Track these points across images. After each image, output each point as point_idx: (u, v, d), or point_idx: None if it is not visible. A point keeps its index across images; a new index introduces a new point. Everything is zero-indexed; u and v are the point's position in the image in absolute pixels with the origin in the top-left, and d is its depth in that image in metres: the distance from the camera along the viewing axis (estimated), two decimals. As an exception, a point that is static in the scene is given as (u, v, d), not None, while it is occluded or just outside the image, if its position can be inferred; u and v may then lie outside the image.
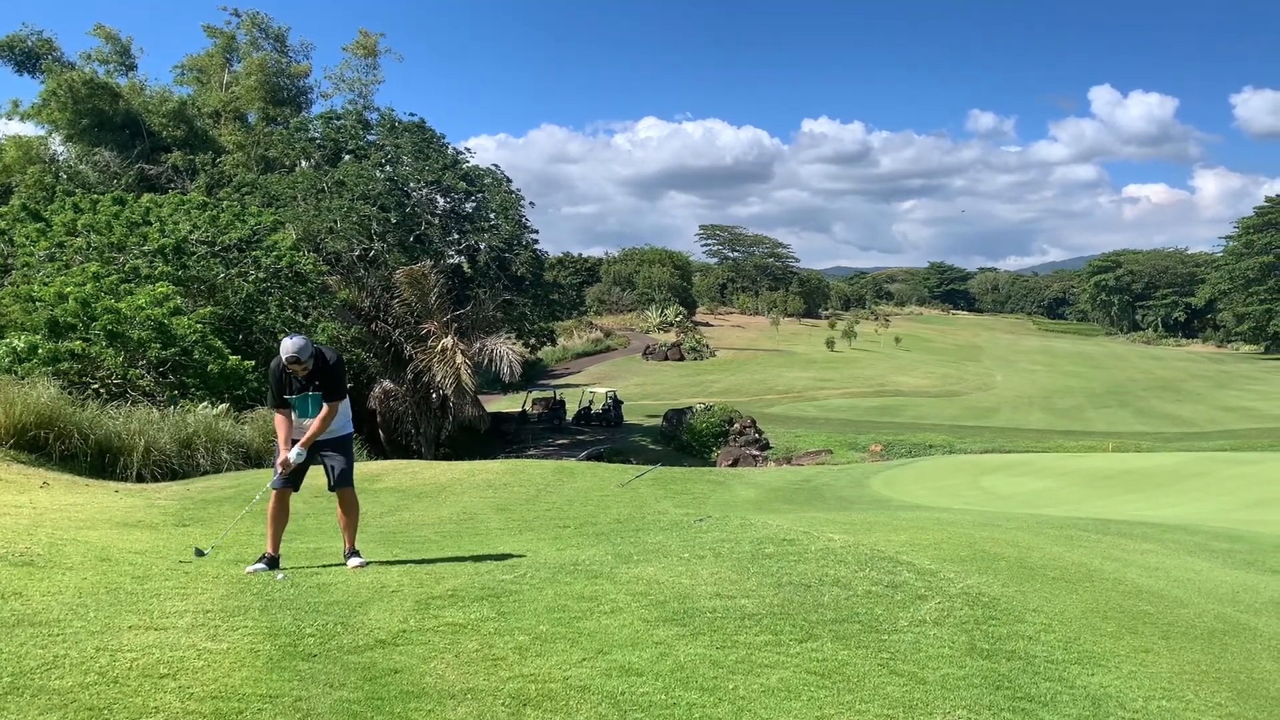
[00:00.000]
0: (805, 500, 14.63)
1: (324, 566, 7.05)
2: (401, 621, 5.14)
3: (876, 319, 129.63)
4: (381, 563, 7.12)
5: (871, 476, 18.54)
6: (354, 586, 6.06)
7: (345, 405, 7.34)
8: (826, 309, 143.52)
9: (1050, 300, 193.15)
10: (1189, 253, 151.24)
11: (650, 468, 16.99)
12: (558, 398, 48.89)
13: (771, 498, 14.71)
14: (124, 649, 4.43)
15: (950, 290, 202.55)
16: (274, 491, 7.15)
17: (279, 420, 7.13)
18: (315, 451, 7.17)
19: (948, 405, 57.74)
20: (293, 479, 7.16)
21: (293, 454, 7.03)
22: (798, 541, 6.89)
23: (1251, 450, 31.76)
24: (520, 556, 7.37)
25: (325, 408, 7.05)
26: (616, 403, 48.05)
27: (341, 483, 7.20)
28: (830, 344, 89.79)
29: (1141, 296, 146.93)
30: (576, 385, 58.08)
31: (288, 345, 6.88)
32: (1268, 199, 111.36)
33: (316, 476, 7.47)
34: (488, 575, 6.27)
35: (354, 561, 7.02)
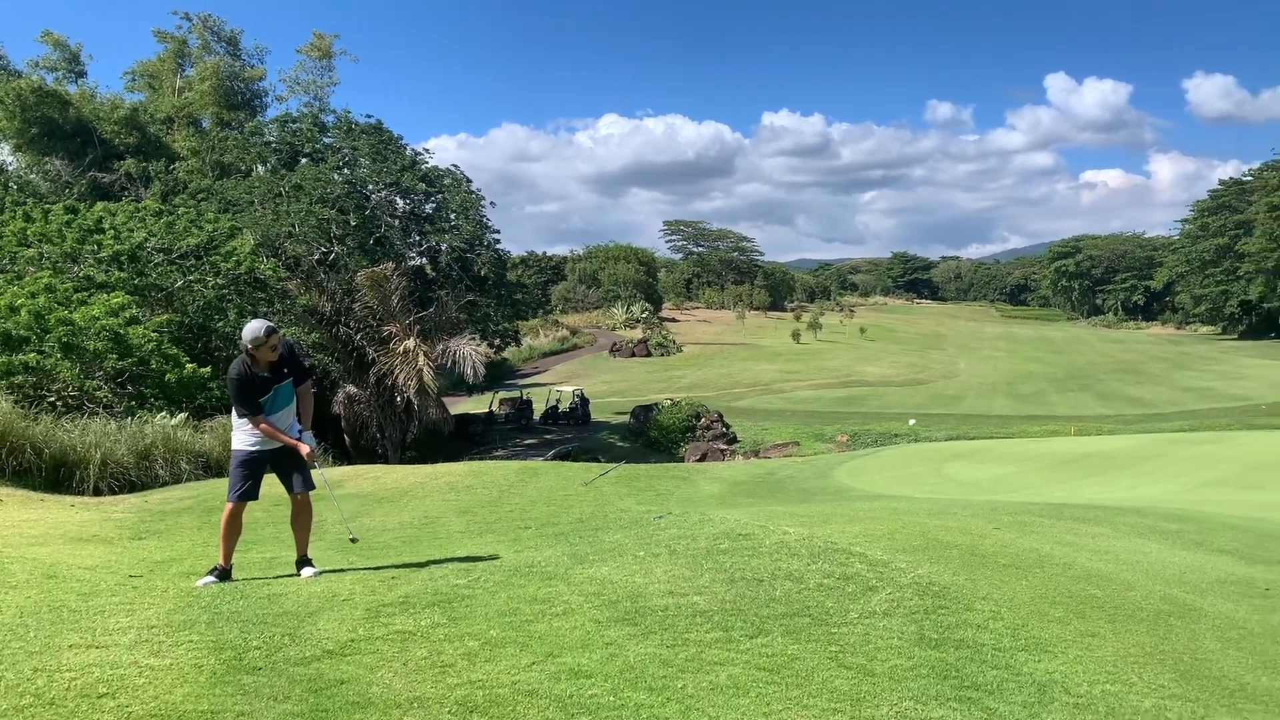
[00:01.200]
0: (768, 493, 14.67)
1: (276, 577, 6.97)
2: (350, 631, 5.08)
3: (841, 310, 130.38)
4: (336, 571, 7.05)
5: (835, 467, 18.64)
6: (305, 596, 5.98)
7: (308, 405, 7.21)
8: (792, 301, 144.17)
9: (1012, 287, 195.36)
10: (1146, 237, 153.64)
11: (614, 465, 16.98)
12: (524, 398, 48.74)
13: (734, 492, 14.74)
14: (62, 669, 4.35)
15: (914, 280, 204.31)
16: (230, 504, 7.02)
17: (265, 423, 6.78)
18: (279, 455, 7.03)
19: (913, 394, 58.18)
20: (252, 490, 7.05)
21: (309, 439, 6.93)
22: (753, 536, 6.90)
23: (1210, 430, 32.22)
24: (477, 560, 7.32)
25: (304, 389, 6.98)
26: (583, 401, 47.98)
27: (307, 485, 7.11)
28: (796, 336, 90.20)
29: (1101, 281, 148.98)
30: (544, 384, 57.93)
31: (254, 326, 6.59)
32: (1221, 182, 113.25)
33: (273, 484, 7.36)
34: (441, 580, 6.22)
35: (307, 571, 6.94)
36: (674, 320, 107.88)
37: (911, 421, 10.79)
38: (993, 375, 68.43)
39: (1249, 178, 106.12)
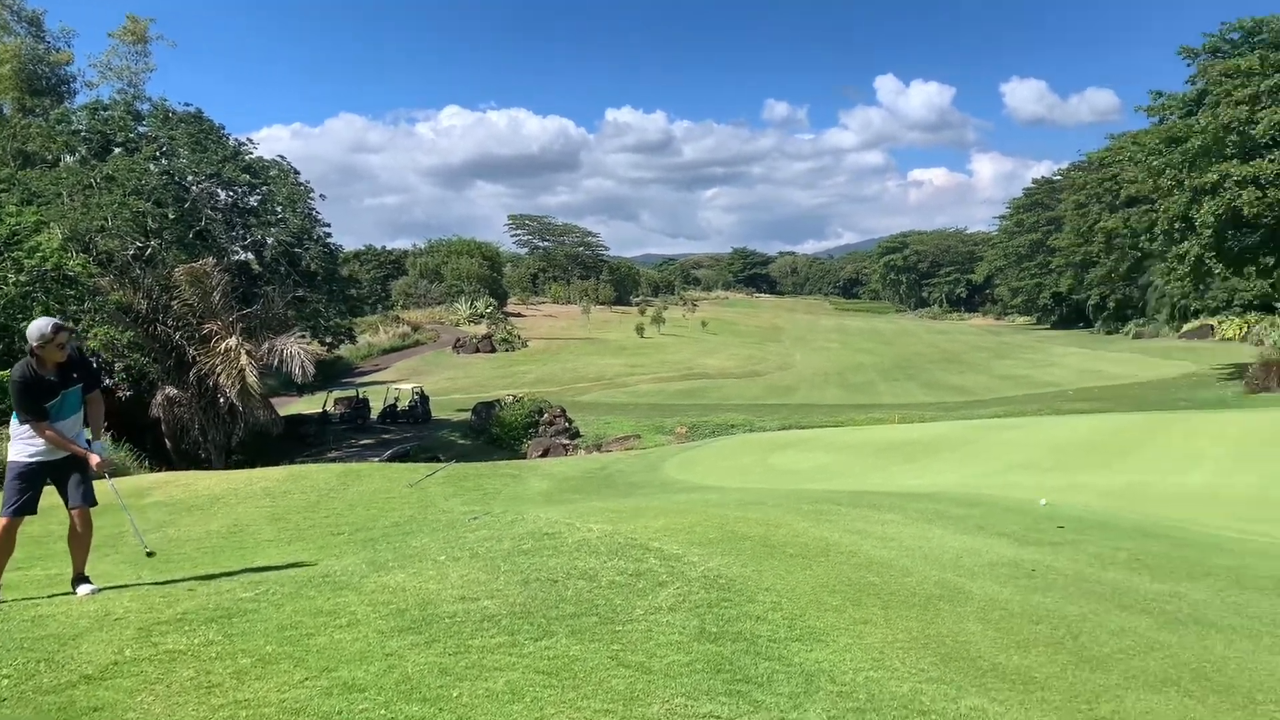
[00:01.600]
0: (596, 488, 14.74)
1: (50, 596, 6.54)
2: (116, 653, 4.80)
3: (684, 304, 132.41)
4: (118, 587, 6.67)
5: (666, 460, 18.88)
6: (74, 616, 5.62)
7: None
8: (637, 296, 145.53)
9: (845, 281, 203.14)
10: (968, 232, 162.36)
11: (443, 465, 16.74)
12: (361, 396, 47.46)
13: (563, 488, 14.74)
14: None
15: (753, 274, 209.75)
16: (3, 520, 6.55)
17: (51, 430, 6.38)
18: (62, 466, 6.62)
19: (750, 385, 59.61)
20: (30, 503, 6.60)
21: (100, 449, 6.60)
22: (558, 534, 6.89)
23: (1020, 416, 34.23)
24: (273, 570, 7.07)
25: (93, 395, 6.62)
26: (423, 398, 47.08)
27: (88, 500, 6.70)
28: (640, 330, 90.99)
29: (927, 275, 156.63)
30: (384, 382, 56.54)
31: (40, 324, 6.29)
32: (1034, 180, 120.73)
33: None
34: (226, 594, 5.95)
35: (84, 589, 6.53)
36: (520, 315, 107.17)
37: (1043, 501, 10.95)
38: (826, 366, 70.83)
39: (1059, 177, 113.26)
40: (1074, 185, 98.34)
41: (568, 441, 41.02)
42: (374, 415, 46.23)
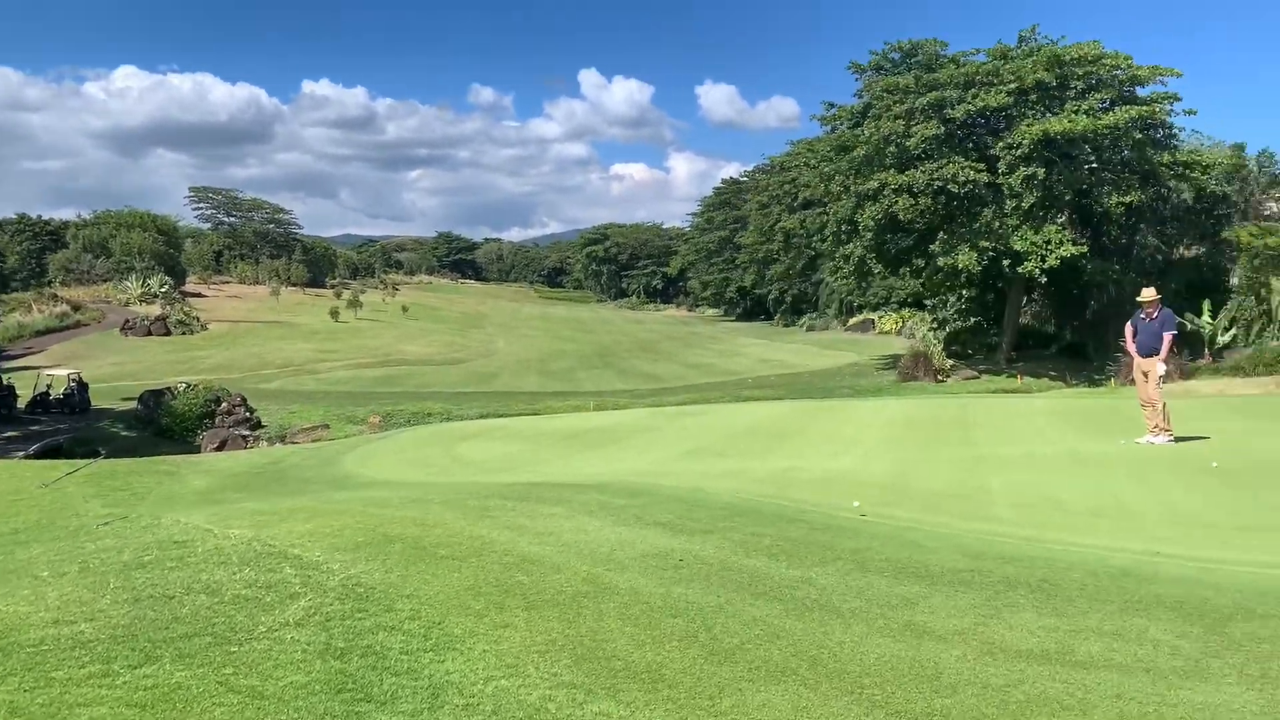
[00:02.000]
0: (264, 486, 13.82)
1: None
2: None
3: (385, 288, 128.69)
4: None
5: (346, 453, 18.08)
6: None
7: None
8: (333, 278, 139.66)
9: (550, 269, 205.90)
10: (665, 227, 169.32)
11: (88, 461, 15.12)
12: (6, 383, 42.22)
13: (225, 486, 13.71)
14: None
15: (459, 260, 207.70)
16: None
17: None
18: None
19: (451, 372, 58.91)
20: None
21: None
22: (189, 543, 6.28)
23: (704, 403, 36.01)
24: None
25: None
26: (81, 385, 42.60)
27: None
28: (335, 314, 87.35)
29: (627, 266, 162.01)
30: (37, 367, 50.70)
31: None
32: (724, 181, 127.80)
33: None
34: None
35: None
36: (200, 296, 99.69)
37: (856, 504, 10.67)
38: (528, 353, 71.34)
39: (745, 178, 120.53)
40: (758, 187, 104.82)
41: (248, 433, 38.57)
42: (21, 404, 41.32)
